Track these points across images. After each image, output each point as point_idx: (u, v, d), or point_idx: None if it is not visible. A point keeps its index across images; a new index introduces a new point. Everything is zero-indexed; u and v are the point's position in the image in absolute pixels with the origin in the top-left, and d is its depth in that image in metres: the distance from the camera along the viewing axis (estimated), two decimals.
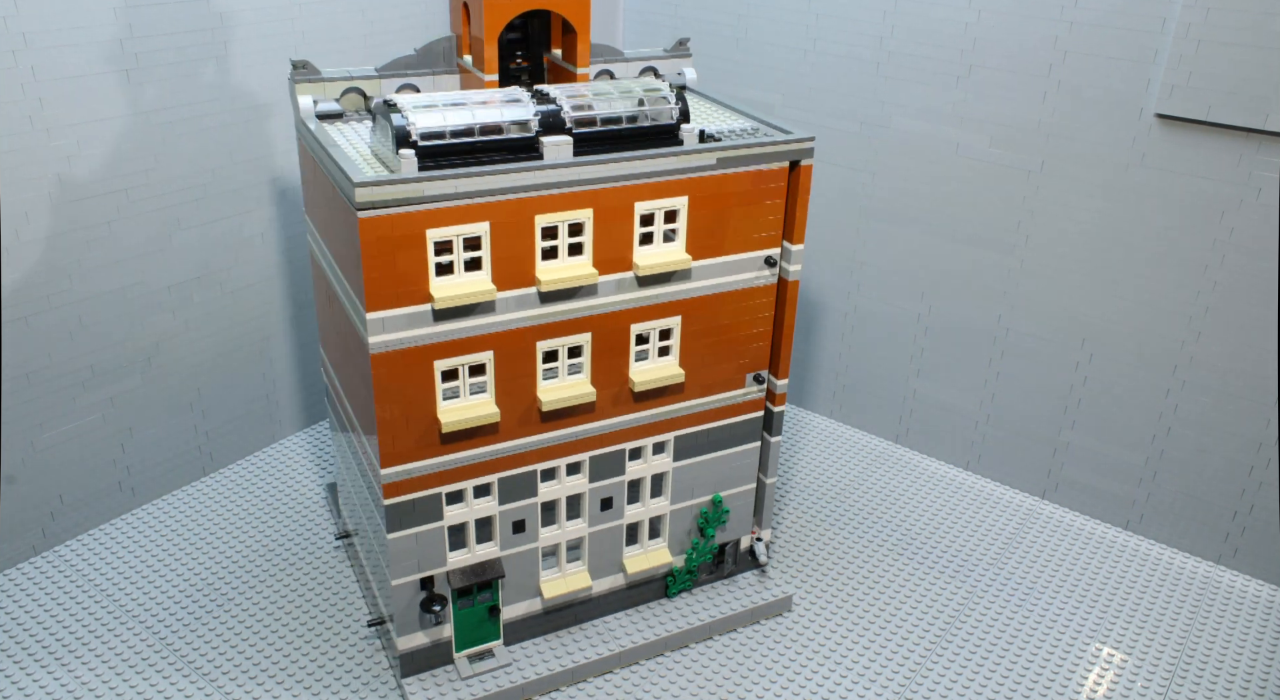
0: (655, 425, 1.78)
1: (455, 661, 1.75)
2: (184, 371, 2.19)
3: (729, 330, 1.76)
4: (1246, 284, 1.95)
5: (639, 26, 2.65)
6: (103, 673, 1.75)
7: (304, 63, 1.68)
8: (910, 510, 2.29)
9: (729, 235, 1.69)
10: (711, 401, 1.80)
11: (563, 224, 1.55)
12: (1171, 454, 2.14)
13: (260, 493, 2.26)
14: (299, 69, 1.67)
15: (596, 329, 1.65)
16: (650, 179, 1.58)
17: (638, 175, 1.57)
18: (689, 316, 1.71)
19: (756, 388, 1.83)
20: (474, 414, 1.58)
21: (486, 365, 1.58)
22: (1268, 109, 1.82)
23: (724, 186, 1.65)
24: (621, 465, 1.78)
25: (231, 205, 2.17)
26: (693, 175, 1.61)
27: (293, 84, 1.68)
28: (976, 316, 2.32)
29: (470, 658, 1.76)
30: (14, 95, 1.77)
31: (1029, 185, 2.15)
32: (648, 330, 1.70)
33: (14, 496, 1.97)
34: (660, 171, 1.58)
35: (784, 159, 1.68)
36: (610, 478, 1.78)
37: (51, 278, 1.91)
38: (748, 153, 1.64)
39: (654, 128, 1.61)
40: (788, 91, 2.42)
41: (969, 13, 2.11)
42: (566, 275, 1.57)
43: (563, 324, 1.61)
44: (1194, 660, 1.87)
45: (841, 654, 1.86)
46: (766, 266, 1.74)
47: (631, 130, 1.59)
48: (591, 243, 1.58)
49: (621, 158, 1.54)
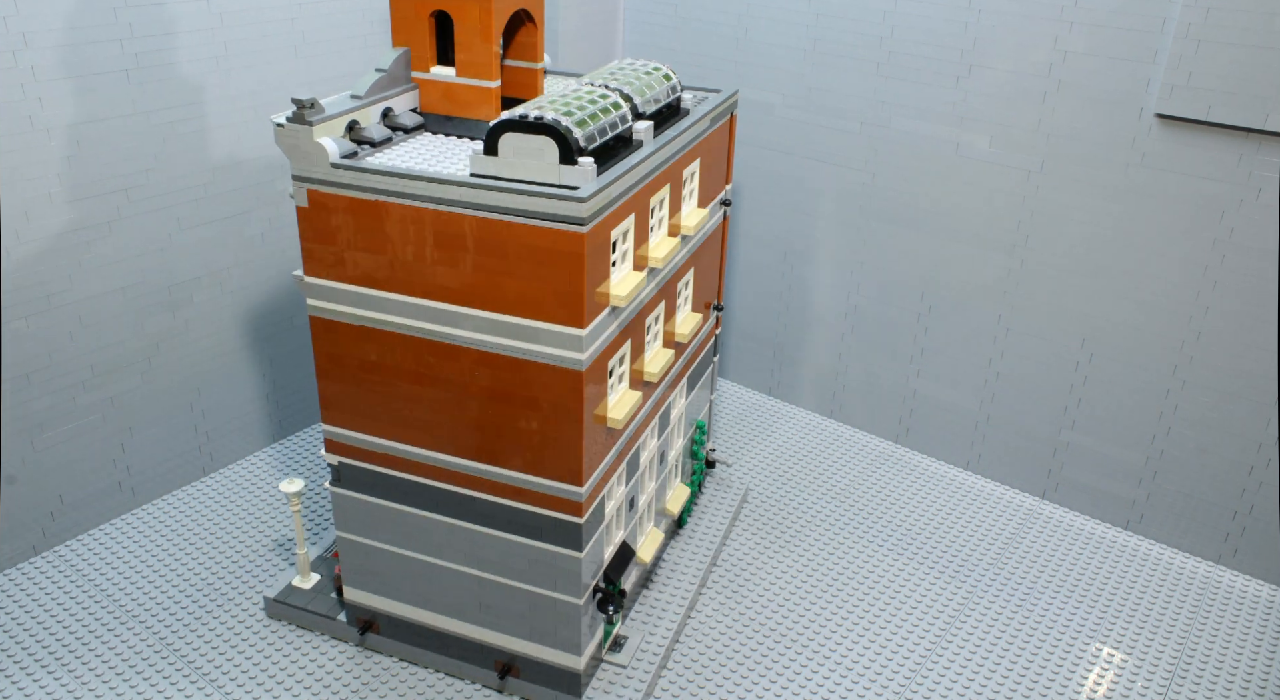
0: (680, 371, 1.89)
1: (604, 659, 1.77)
2: (184, 371, 2.19)
3: (709, 269, 1.93)
4: (1246, 284, 1.95)
5: (639, 26, 2.65)
6: (103, 673, 1.75)
7: (311, 102, 1.44)
8: (910, 510, 2.29)
9: (711, 184, 1.86)
10: (699, 337, 1.94)
11: (658, 201, 1.64)
12: (1171, 454, 2.14)
13: (260, 493, 2.26)
14: (309, 109, 1.44)
15: (666, 294, 1.75)
16: (688, 148, 1.72)
17: (685, 146, 1.70)
18: (697, 265, 1.86)
19: (713, 316, 2.05)
20: (627, 403, 1.61)
21: (626, 354, 1.61)
22: (1268, 109, 1.82)
23: (711, 143, 1.85)
24: (668, 415, 1.89)
25: (231, 205, 2.17)
26: (701, 139, 1.78)
27: (306, 130, 1.44)
28: (976, 316, 2.32)
29: (611, 649, 1.79)
30: (14, 95, 1.77)
31: (1029, 185, 2.15)
32: (683, 284, 1.84)
33: (14, 496, 1.97)
34: (693, 140, 1.74)
35: (728, 113, 1.93)
36: (664, 429, 1.89)
37: (51, 278, 1.91)
38: (720, 110, 1.86)
39: (675, 102, 1.78)
40: (788, 91, 2.42)
41: (969, 13, 2.11)
42: (665, 251, 1.64)
43: (656, 296, 1.69)
44: (1194, 660, 1.87)
45: (841, 654, 1.86)
46: (723, 207, 1.97)
47: (667, 108, 1.75)
48: (666, 213, 1.69)
49: (685, 131, 1.68)
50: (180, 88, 2.00)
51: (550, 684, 1.70)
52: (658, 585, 1.95)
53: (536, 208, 1.35)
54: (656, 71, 1.73)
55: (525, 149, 1.39)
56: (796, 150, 2.45)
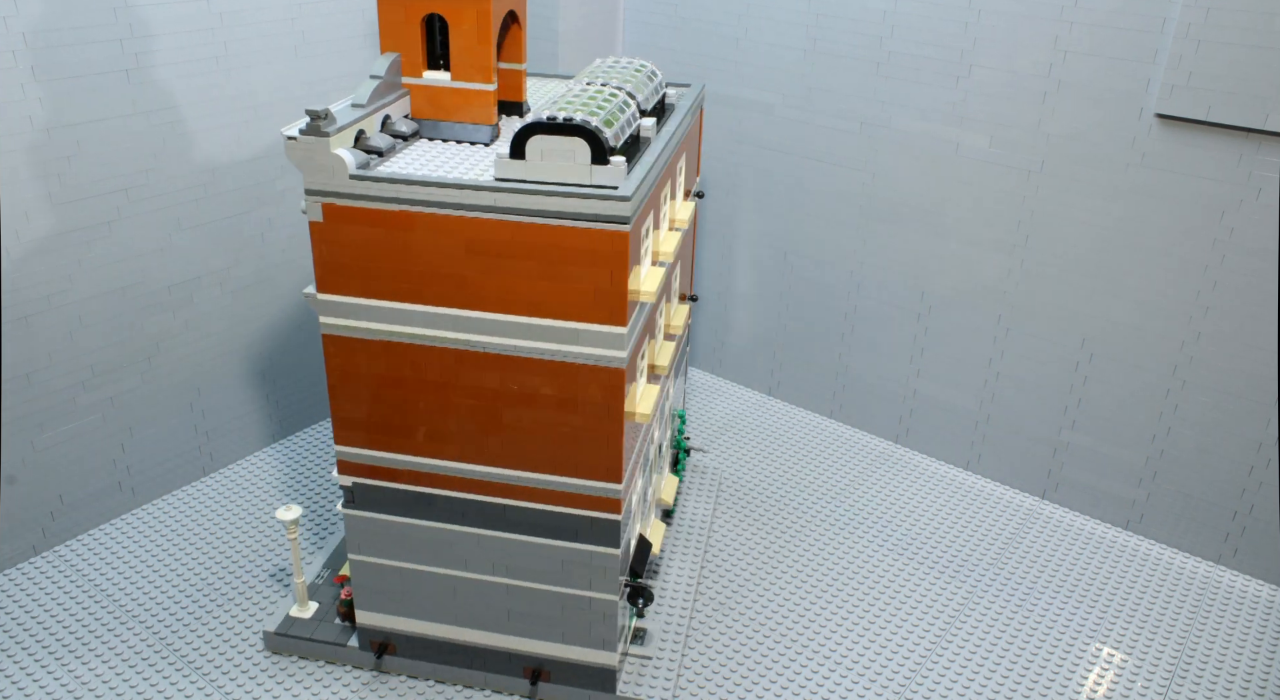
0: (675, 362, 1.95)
1: (629, 652, 1.77)
2: (184, 371, 2.20)
3: (686, 260, 1.98)
4: (1246, 284, 1.95)
5: (639, 26, 2.65)
6: (103, 673, 1.75)
7: (325, 112, 1.39)
8: (910, 510, 2.29)
9: (690, 177, 1.92)
10: (681, 324, 1.95)
11: (664, 196, 1.66)
12: (1171, 454, 2.14)
13: (260, 493, 2.26)
14: (324, 120, 1.39)
15: (667, 287, 1.78)
16: (680, 142, 1.75)
17: (680, 140, 1.73)
18: (681, 257, 1.91)
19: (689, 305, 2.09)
20: (650, 397, 1.61)
21: (646, 349, 1.62)
22: (1268, 109, 1.82)
23: (691, 139, 1.90)
24: (663, 406, 1.91)
25: (231, 205, 2.17)
26: (687, 133, 1.82)
27: (323, 142, 1.39)
28: (976, 316, 2.32)
29: (633, 641, 1.79)
30: (14, 95, 1.77)
31: (1029, 185, 2.15)
32: (674, 277, 1.87)
33: (14, 496, 1.97)
34: (685, 134, 1.79)
35: (700, 106, 1.97)
36: (662, 420, 1.93)
37: (51, 278, 1.91)
38: (696, 103, 1.90)
39: (663, 98, 1.81)
40: (788, 91, 2.42)
41: (969, 13, 2.11)
42: (671, 245, 1.65)
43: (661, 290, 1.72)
44: (1194, 660, 1.87)
45: (841, 654, 1.86)
46: (697, 198, 1.99)
47: (659, 104, 1.78)
48: (668, 208, 1.71)
49: (680, 126, 1.71)
50: (180, 88, 2.00)
51: (584, 684, 1.70)
52: (660, 576, 1.96)
53: (579, 209, 1.35)
54: (644, 68, 1.74)
55: (555, 151, 1.38)
56: (796, 150, 2.45)
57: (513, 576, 1.64)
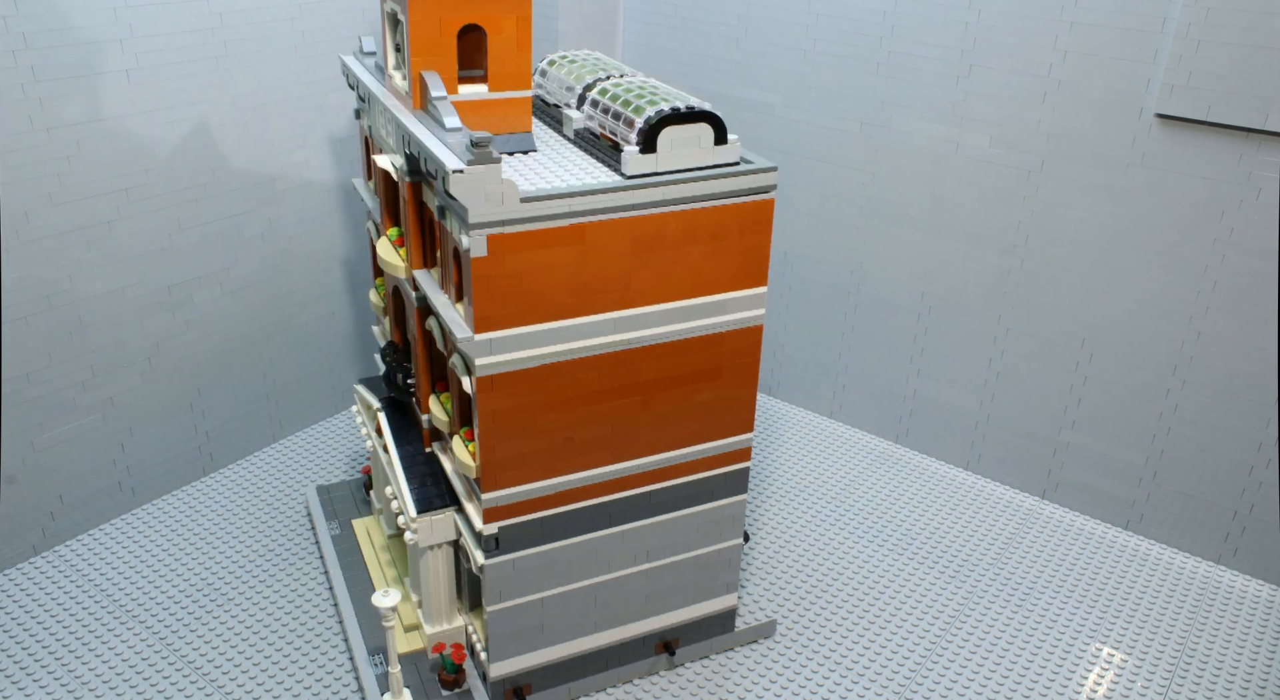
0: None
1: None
2: (184, 371, 2.20)
3: None
4: (1246, 284, 1.95)
5: (639, 27, 2.65)
6: (103, 673, 1.75)
7: (487, 137, 1.30)
8: (910, 510, 2.29)
9: None
10: None
11: None
12: (1171, 454, 2.14)
13: (260, 493, 2.26)
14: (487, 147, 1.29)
15: None
16: None
17: None
18: None
19: None
20: None
21: None
22: (1268, 109, 1.82)
23: None
24: None
25: (231, 205, 2.17)
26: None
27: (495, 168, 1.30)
28: (976, 316, 2.32)
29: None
30: (14, 95, 1.77)
31: (1029, 185, 2.15)
32: None
33: (14, 496, 1.97)
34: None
35: None
36: None
37: (51, 278, 1.91)
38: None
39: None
40: (788, 91, 2.42)
41: (969, 13, 2.11)
42: None
43: None
44: (1194, 660, 1.87)
45: (842, 654, 1.86)
46: None
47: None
48: None
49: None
50: (180, 88, 2.00)
51: (709, 634, 1.81)
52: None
53: (735, 187, 1.46)
54: (603, 57, 1.77)
55: (683, 139, 1.44)
56: (796, 150, 2.45)
57: (651, 559, 1.69)
